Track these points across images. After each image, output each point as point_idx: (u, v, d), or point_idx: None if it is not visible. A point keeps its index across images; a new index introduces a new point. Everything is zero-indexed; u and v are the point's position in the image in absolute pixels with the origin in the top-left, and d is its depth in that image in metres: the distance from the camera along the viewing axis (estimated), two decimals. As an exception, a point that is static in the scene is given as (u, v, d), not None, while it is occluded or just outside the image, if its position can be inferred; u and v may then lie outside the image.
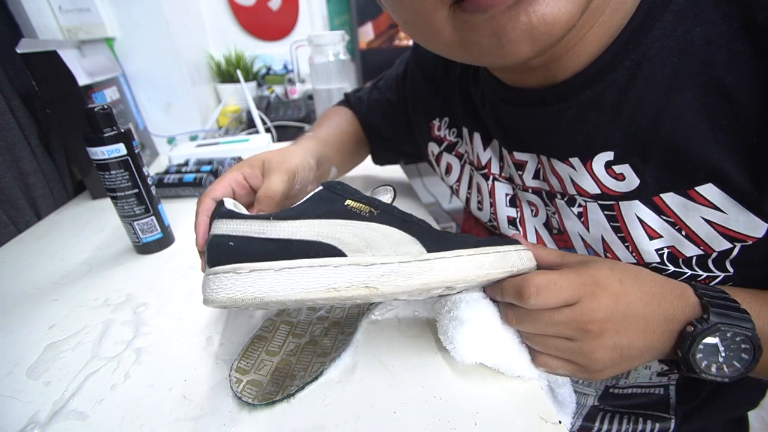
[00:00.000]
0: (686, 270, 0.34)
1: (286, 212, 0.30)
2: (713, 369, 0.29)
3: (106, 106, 0.47)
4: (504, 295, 0.31)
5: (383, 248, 0.29)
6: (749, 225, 0.29)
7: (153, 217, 0.53)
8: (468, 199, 0.52)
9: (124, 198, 0.50)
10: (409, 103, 0.57)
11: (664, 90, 0.29)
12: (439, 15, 0.26)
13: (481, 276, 0.30)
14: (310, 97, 1.24)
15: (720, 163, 0.29)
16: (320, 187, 0.32)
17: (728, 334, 0.27)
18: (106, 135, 0.47)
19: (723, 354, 0.28)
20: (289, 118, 1.15)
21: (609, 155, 0.33)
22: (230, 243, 0.28)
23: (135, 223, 0.52)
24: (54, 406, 0.33)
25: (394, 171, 0.76)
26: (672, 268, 0.35)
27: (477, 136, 0.46)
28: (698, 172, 0.30)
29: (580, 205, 0.37)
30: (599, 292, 0.28)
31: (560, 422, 0.29)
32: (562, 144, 0.36)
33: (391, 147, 0.64)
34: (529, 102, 0.36)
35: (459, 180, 0.52)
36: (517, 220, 0.45)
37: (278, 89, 1.36)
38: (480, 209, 0.50)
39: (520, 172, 0.42)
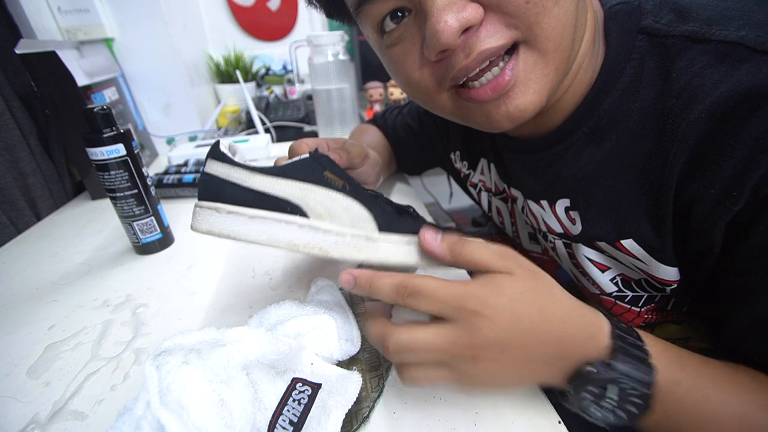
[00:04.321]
0: (642, 292, 0.39)
1: (269, 168, 0.33)
2: (594, 411, 0.27)
3: (105, 107, 0.47)
4: (379, 290, 0.29)
5: (342, 220, 0.33)
6: (666, 273, 0.34)
7: (152, 218, 0.53)
8: (498, 222, 0.58)
9: (124, 198, 0.50)
10: (431, 136, 0.63)
11: (608, 154, 0.35)
12: (441, 95, 0.34)
13: (422, 265, 0.33)
14: (310, 97, 1.24)
15: (639, 220, 0.34)
16: (307, 155, 0.35)
17: (626, 389, 0.26)
18: (105, 135, 0.47)
19: (612, 401, 0.26)
20: (288, 119, 1.15)
21: (566, 202, 0.40)
22: (217, 183, 0.33)
23: (134, 223, 0.52)
24: (54, 407, 0.33)
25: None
26: (629, 293, 0.40)
27: (493, 166, 0.51)
28: (624, 227, 0.35)
29: (551, 241, 0.44)
30: (478, 320, 0.25)
31: (560, 422, 0.29)
32: (536, 187, 0.42)
33: (417, 157, 0.69)
34: (518, 149, 0.43)
35: (481, 206, 0.58)
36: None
37: (277, 89, 1.36)
38: (504, 229, 0.57)
39: (515, 204, 0.49)
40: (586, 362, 0.26)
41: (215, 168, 0.34)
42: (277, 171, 0.33)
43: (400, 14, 0.32)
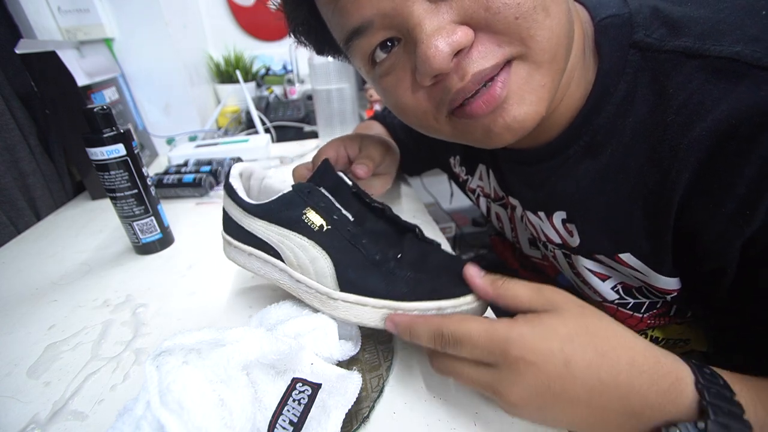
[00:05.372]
0: (643, 299, 0.39)
1: (256, 207, 0.36)
2: None
3: (105, 107, 0.47)
4: (419, 337, 0.28)
5: (309, 272, 0.34)
6: (666, 283, 0.35)
7: (152, 218, 0.53)
8: (497, 227, 0.58)
9: (124, 198, 0.50)
10: (430, 138, 0.61)
11: (603, 169, 0.35)
12: (438, 119, 0.33)
13: (380, 326, 0.32)
14: (310, 97, 1.24)
15: (635, 235, 0.34)
16: (290, 189, 0.36)
17: None
18: (105, 135, 0.47)
19: None
20: (288, 119, 1.15)
21: (563, 214, 0.40)
22: (228, 218, 0.38)
23: (134, 223, 0.52)
24: (54, 407, 0.33)
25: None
26: (631, 300, 0.40)
27: (492, 173, 0.51)
28: (621, 242, 0.35)
29: (551, 251, 0.45)
30: (524, 367, 0.24)
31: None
32: (534, 198, 0.43)
33: (417, 158, 0.68)
34: (515, 160, 0.43)
35: (480, 210, 0.59)
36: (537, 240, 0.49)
37: (277, 89, 1.36)
38: (503, 233, 0.58)
39: (514, 212, 0.50)
40: (670, 424, 0.23)
41: (226, 202, 0.38)
42: (261, 212, 0.36)
43: (389, 44, 0.31)
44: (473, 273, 0.30)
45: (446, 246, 0.52)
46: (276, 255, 0.35)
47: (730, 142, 0.27)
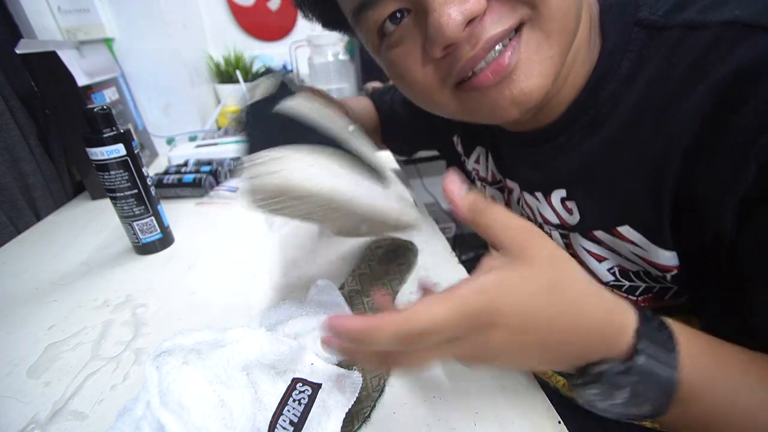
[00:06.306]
0: (639, 283, 0.38)
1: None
2: (599, 406, 0.26)
3: (105, 107, 0.47)
4: (378, 343, 0.22)
5: None
6: (665, 258, 0.34)
7: (152, 218, 0.53)
8: None
9: (124, 198, 0.50)
10: (430, 115, 0.60)
11: (606, 143, 0.35)
12: (444, 94, 0.33)
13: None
14: (310, 97, 1.24)
15: (636, 205, 0.34)
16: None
17: (640, 390, 0.24)
18: (105, 135, 0.47)
19: (623, 400, 0.24)
20: (288, 119, 1.14)
21: (563, 192, 0.39)
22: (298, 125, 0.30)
23: (134, 223, 0.52)
24: (54, 407, 0.33)
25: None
26: (627, 282, 0.39)
27: (491, 157, 0.51)
28: (621, 213, 0.35)
29: (547, 232, 0.44)
30: (491, 330, 0.23)
31: (560, 422, 0.29)
32: (536, 179, 0.42)
33: (412, 138, 0.67)
34: (519, 143, 0.43)
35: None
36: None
37: (277, 89, 1.36)
38: None
39: (510, 196, 0.49)
40: (602, 359, 0.25)
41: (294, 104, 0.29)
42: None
43: (399, 15, 0.31)
44: (454, 188, 0.26)
45: (445, 246, 0.52)
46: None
47: (726, 102, 0.27)
